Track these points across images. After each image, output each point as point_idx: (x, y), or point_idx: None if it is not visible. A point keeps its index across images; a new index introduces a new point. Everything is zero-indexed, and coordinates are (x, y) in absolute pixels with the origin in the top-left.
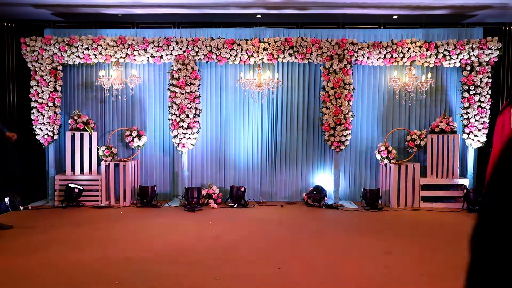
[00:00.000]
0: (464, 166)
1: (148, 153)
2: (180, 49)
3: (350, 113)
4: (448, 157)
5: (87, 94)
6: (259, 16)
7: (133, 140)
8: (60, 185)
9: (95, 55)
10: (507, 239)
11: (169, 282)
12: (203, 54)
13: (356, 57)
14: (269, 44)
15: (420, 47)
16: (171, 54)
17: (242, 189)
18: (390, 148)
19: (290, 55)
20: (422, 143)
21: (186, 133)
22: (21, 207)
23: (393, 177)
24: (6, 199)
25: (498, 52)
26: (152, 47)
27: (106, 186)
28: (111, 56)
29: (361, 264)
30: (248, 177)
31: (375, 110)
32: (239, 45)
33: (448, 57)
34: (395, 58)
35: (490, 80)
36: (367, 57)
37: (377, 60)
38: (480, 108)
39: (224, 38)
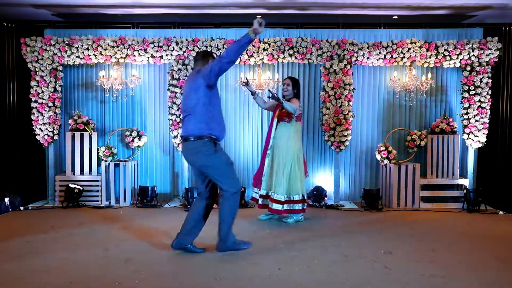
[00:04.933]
0: (464, 166)
1: (148, 153)
2: (180, 49)
3: (350, 113)
4: (448, 157)
5: (87, 95)
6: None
7: (133, 140)
8: (60, 185)
9: (95, 55)
10: None
11: (169, 282)
12: None
13: (356, 58)
14: (269, 44)
15: (420, 47)
16: (171, 55)
17: (242, 189)
18: (390, 148)
19: (290, 55)
20: (422, 143)
21: None
22: (21, 207)
23: (393, 177)
24: (6, 199)
25: (498, 52)
26: (152, 48)
27: (106, 186)
28: (111, 57)
29: (361, 264)
30: (248, 177)
31: (375, 110)
32: None
33: (448, 58)
34: (395, 58)
35: (490, 80)
36: (367, 58)
37: (377, 60)
38: (480, 109)
39: (224, 39)
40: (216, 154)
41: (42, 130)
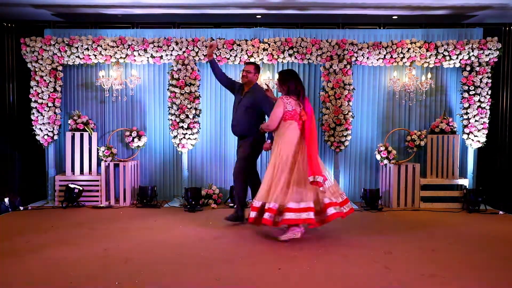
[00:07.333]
0: (464, 166)
1: (148, 153)
2: (180, 49)
3: (350, 114)
4: (448, 157)
5: (87, 94)
6: (259, 16)
7: (133, 140)
8: (60, 185)
9: (95, 55)
10: None
11: (169, 282)
12: (203, 54)
13: (356, 58)
14: (269, 44)
15: (420, 47)
16: (171, 55)
17: None
18: (390, 148)
19: (290, 55)
20: (422, 143)
21: (186, 133)
22: (21, 207)
23: (393, 177)
24: (6, 199)
25: (498, 52)
26: (152, 48)
27: (106, 186)
28: (111, 57)
29: (361, 264)
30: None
31: (375, 110)
32: (239, 45)
33: (448, 58)
34: (395, 58)
35: (490, 81)
36: (367, 58)
37: (377, 60)
38: (480, 109)
39: (224, 39)
40: None
41: (42, 130)
